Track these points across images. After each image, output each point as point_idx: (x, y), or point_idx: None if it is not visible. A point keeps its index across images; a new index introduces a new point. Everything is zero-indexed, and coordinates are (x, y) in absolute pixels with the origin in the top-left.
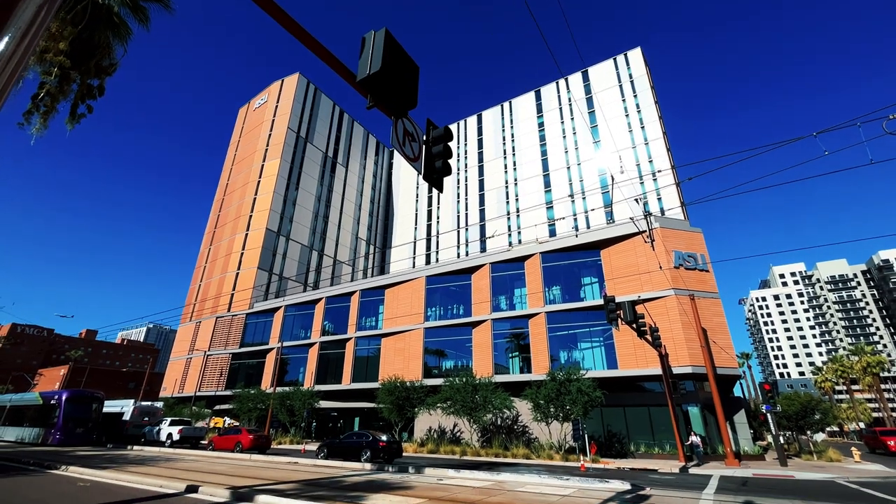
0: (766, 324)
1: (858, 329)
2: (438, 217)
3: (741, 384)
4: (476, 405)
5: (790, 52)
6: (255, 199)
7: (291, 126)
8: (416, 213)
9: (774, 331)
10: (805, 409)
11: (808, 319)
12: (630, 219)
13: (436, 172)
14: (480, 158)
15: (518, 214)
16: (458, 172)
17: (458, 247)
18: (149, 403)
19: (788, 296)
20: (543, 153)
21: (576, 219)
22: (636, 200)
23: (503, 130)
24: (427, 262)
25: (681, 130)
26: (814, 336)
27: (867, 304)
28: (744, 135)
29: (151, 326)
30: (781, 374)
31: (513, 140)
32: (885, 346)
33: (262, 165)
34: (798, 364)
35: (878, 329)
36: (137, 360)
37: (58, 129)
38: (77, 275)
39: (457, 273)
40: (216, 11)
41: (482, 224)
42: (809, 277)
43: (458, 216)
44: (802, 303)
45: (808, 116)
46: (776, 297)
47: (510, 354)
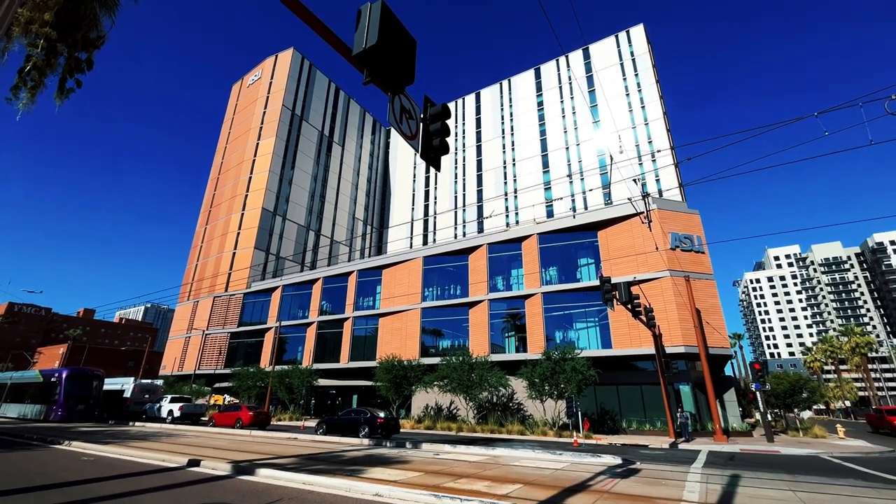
0: (759, 305)
1: (850, 311)
2: (436, 197)
3: (732, 363)
4: (472, 383)
5: (802, 39)
6: (251, 178)
7: (286, 103)
8: (414, 194)
9: (767, 312)
10: (793, 388)
11: (801, 301)
12: (628, 199)
13: (433, 151)
14: (479, 138)
15: (516, 195)
16: (456, 152)
17: (456, 227)
18: (149, 381)
19: (782, 277)
20: (542, 133)
21: (574, 200)
22: (634, 181)
23: (502, 109)
24: (424, 243)
25: (682, 118)
26: (805, 317)
27: (859, 287)
28: (747, 123)
29: (149, 306)
30: (772, 355)
31: (511, 119)
32: (874, 328)
33: (257, 144)
34: (789, 344)
35: (869, 311)
36: (136, 339)
37: (47, 103)
38: (72, 255)
39: (454, 253)
40: None
41: (480, 204)
42: (804, 259)
43: (456, 196)
44: (796, 284)
45: (817, 105)
46: (770, 279)
47: (506, 334)
